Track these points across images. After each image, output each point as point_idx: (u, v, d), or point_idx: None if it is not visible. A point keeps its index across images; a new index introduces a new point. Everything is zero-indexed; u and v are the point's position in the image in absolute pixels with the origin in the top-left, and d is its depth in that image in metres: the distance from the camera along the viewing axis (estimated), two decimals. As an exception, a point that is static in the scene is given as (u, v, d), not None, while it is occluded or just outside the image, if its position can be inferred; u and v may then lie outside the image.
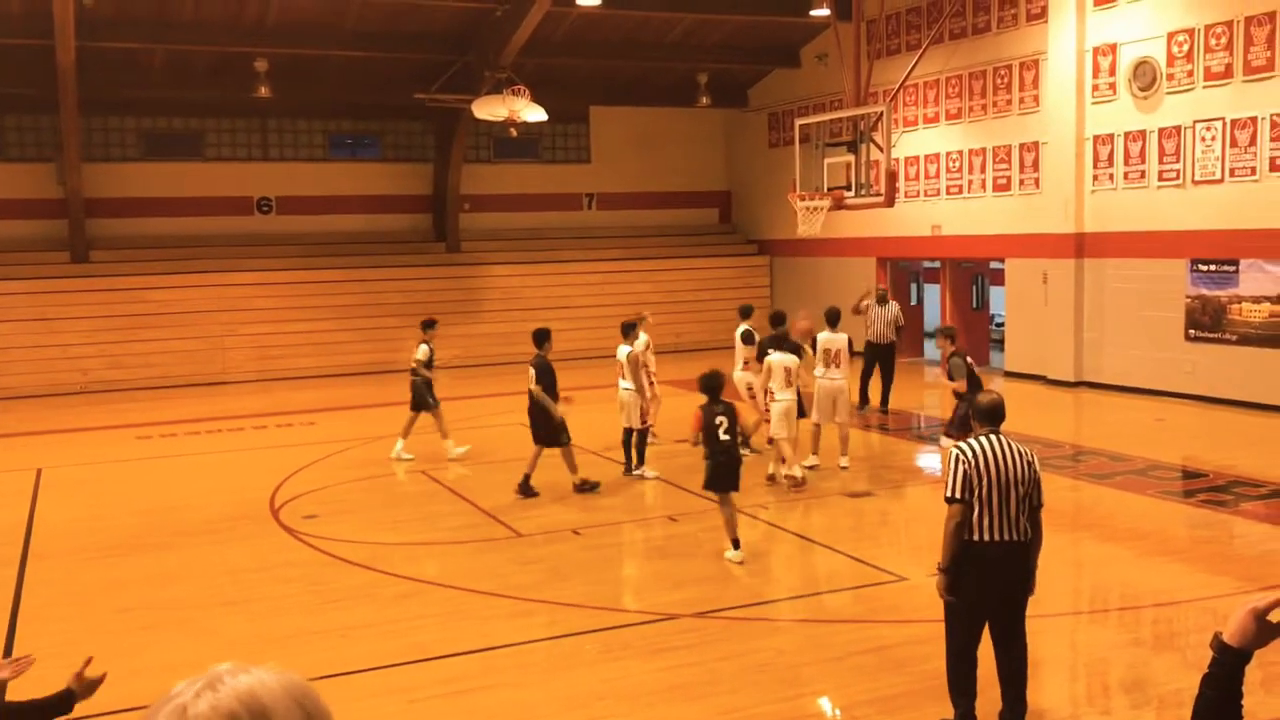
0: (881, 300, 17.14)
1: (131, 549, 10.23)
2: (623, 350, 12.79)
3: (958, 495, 5.85)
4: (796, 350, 12.45)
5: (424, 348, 13.87)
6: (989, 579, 5.88)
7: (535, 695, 6.74)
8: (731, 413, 9.45)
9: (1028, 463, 5.92)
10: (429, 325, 14.27)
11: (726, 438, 9.31)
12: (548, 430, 11.84)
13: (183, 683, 1.28)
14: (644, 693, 6.70)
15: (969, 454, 5.88)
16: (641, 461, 12.72)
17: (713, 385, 9.50)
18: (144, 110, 22.99)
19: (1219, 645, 2.39)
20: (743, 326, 13.88)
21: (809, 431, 12.86)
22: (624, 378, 12.74)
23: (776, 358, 11.93)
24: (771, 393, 11.84)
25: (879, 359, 16.92)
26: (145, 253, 22.55)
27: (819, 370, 12.92)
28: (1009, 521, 5.84)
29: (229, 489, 12.64)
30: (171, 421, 17.26)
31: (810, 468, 12.52)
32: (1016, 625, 5.99)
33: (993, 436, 5.95)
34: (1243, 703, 2.44)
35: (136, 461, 14.38)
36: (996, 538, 5.83)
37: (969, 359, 12.79)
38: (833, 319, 13.30)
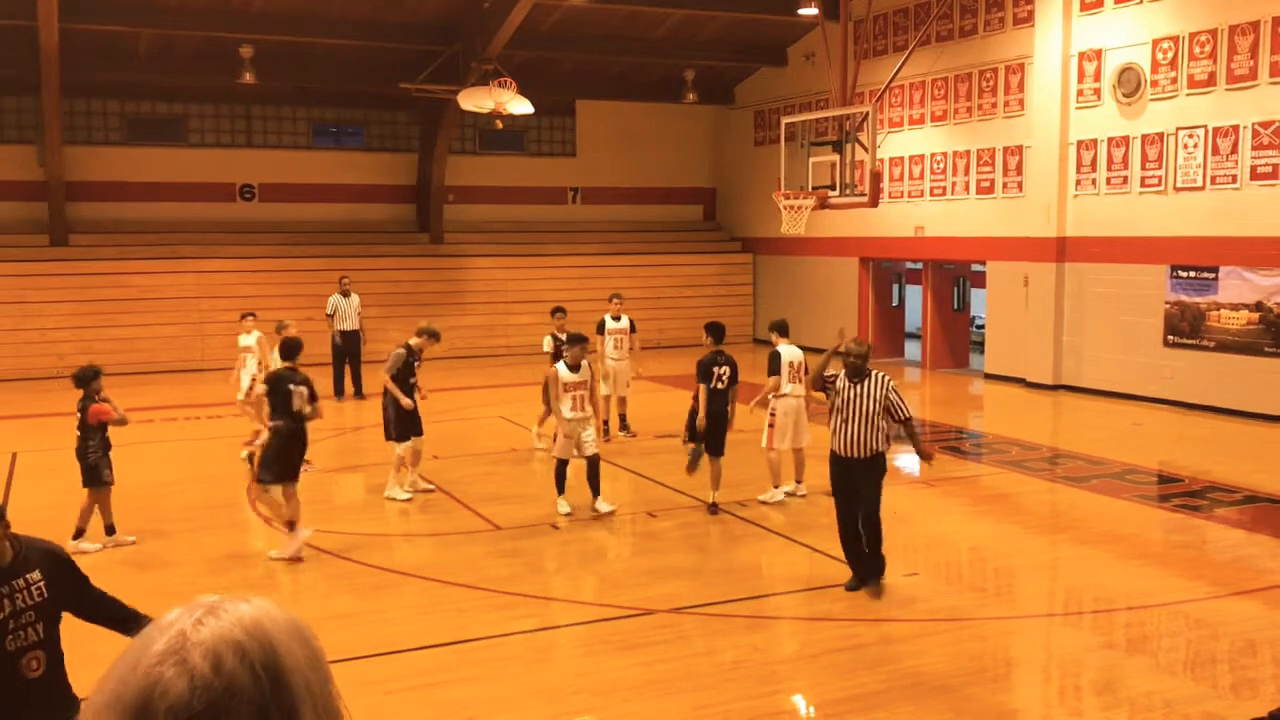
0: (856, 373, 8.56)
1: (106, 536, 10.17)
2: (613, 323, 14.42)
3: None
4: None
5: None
6: None
7: (511, 688, 6.74)
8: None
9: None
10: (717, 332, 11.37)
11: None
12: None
13: (176, 610, 1.19)
14: (620, 687, 6.71)
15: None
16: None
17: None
18: (127, 94, 22.84)
19: None
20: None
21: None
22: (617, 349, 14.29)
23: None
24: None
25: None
26: (125, 237, 22.40)
27: (786, 386, 11.07)
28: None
29: (206, 477, 12.60)
30: (148, 408, 17.10)
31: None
32: None
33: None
34: None
35: (112, 448, 14.24)
36: None
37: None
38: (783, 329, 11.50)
